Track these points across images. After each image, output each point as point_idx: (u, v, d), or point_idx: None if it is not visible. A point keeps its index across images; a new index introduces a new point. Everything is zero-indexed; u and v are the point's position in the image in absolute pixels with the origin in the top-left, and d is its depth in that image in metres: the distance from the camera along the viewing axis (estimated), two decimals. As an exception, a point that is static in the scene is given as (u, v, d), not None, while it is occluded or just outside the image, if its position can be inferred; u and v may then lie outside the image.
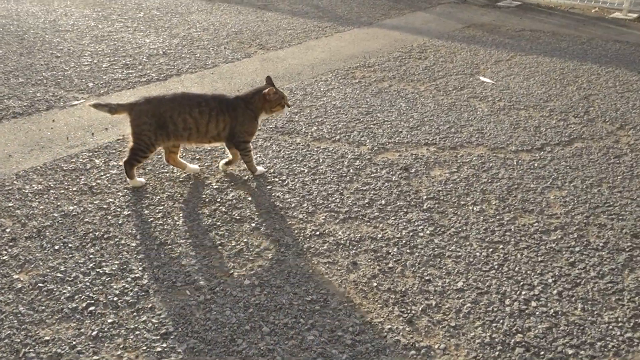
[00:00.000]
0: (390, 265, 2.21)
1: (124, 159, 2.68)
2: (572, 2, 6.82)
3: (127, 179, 2.71)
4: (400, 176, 2.88)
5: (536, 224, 2.48)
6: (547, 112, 3.65)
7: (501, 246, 2.33)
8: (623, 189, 2.75)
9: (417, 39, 5.47)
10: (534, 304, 2.02)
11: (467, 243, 2.35)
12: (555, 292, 2.07)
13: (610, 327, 1.92)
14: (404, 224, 2.48)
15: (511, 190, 2.74)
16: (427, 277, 2.14)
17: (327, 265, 2.21)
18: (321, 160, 3.03)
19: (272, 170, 2.92)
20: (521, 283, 2.12)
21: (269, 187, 2.77)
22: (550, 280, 2.13)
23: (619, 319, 1.95)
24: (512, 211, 2.57)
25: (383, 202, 2.65)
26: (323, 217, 2.52)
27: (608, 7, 6.43)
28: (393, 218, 2.52)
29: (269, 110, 2.73)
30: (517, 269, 2.19)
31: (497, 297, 2.05)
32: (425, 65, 4.64)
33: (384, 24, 6.12)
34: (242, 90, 3.23)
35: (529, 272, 2.18)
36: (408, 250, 2.30)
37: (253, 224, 2.46)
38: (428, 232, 2.42)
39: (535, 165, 2.97)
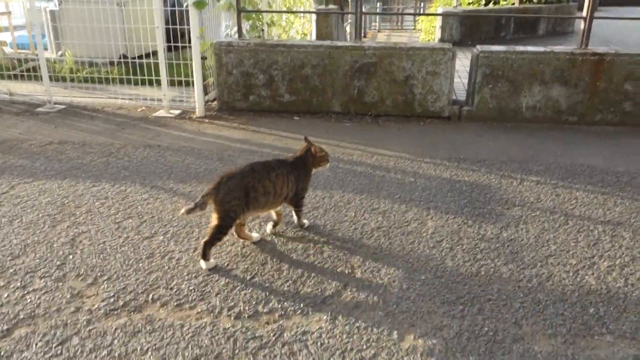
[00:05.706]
0: None
1: (205, 240, 2.93)
2: (120, 102, 6.63)
3: (202, 261, 2.93)
4: None
5: None
6: (26, 273, 2.98)
7: None
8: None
9: None
10: None
11: None
12: None
13: None
14: None
15: None
16: None
17: None
18: None
19: None
20: None
21: None
22: None
23: None
24: None
25: None
26: None
27: (154, 106, 6.44)
28: None
29: (317, 165, 3.31)
30: None
31: None
32: None
33: None
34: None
35: None
36: None
37: None
38: None
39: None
